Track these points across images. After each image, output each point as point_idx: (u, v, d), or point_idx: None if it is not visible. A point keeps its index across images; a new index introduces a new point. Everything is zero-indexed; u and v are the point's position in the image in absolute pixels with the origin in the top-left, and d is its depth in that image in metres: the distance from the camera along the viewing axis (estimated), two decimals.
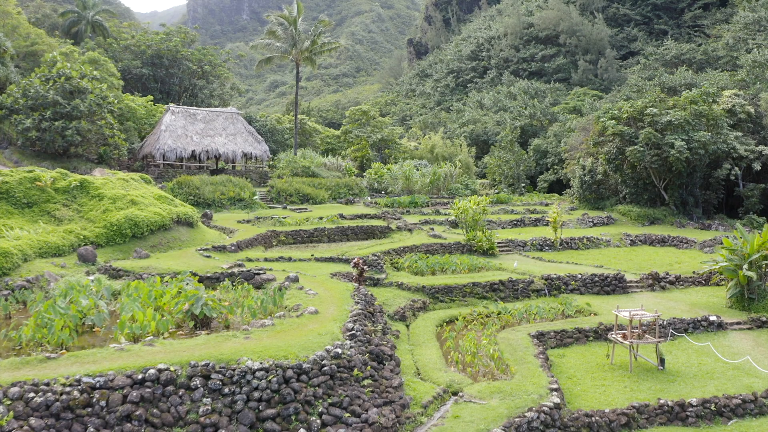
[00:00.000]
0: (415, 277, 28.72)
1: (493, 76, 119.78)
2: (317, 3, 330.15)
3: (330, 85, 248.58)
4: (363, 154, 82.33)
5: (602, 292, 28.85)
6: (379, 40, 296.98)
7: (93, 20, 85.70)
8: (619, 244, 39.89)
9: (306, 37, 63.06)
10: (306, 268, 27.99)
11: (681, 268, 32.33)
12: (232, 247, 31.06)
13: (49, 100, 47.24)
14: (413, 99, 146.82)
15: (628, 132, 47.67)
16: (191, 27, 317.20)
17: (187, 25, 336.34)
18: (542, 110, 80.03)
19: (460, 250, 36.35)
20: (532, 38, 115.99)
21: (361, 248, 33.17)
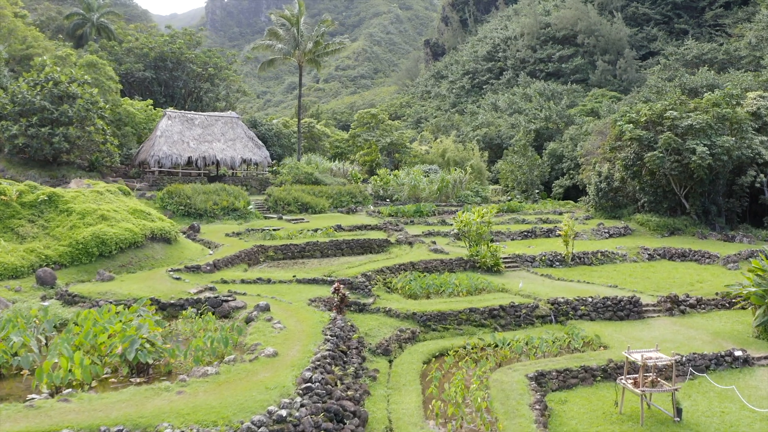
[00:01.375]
0: (406, 302, 25.97)
1: (510, 78, 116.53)
2: (336, 4, 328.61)
3: (348, 86, 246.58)
4: (372, 159, 79.74)
5: (615, 318, 25.85)
6: (398, 41, 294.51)
7: (98, 23, 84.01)
8: (636, 258, 36.78)
9: (309, 37, 60.51)
10: (285, 292, 25.38)
11: (703, 288, 29.21)
12: (207, 267, 28.52)
13: (36, 105, 45.24)
14: (428, 101, 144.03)
15: (647, 136, 44.50)
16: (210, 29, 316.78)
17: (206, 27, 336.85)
18: (558, 112, 76.78)
19: (463, 267, 33.53)
20: (550, 38, 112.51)
21: (352, 266, 30.47)
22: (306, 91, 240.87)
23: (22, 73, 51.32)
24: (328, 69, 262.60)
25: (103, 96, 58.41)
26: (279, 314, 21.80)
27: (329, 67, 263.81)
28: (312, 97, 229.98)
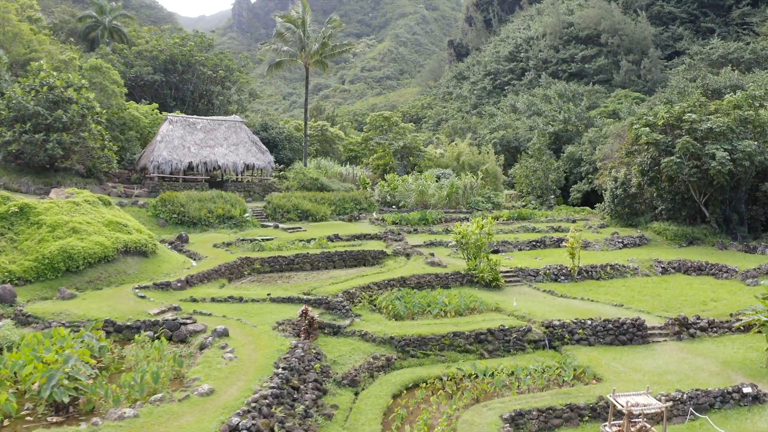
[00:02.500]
0: (387, 324, 23.96)
1: (531, 78, 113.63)
2: (362, 5, 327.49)
3: (373, 87, 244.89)
4: (385, 163, 77.78)
5: (617, 342, 23.55)
6: (424, 41, 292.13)
7: (111, 25, 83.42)
8: (648, 272, 34.28)
9: (315, 39, 58.80)
10: (255, 313, 23.59)
11: (717, 308, 26.70)
12: (178, 284, 26.84)
13: (30, 111, 44.15)
14: (449, 102, 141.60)
15: (664, 141, 41.86)
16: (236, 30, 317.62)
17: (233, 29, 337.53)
18: (577, 114, 73.98)
19: (459, 282, 31.45)
20: (572, 38, 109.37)
21: (337, 282, 28.52)
22: (331, 93, 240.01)
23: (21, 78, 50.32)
24: (354, 70, 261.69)
25: (106, 100, 57.53)
26: (237, 340, 20.05)
27: (355, 68, 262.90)
28: (338, 99, 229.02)
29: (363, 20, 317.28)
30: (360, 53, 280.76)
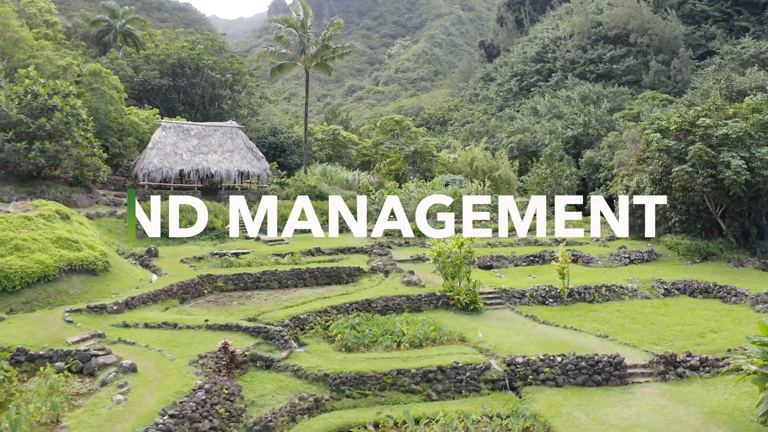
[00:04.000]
0: (332, 356, 21.48)
1: (558, 79, 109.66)
2: (397, 6, 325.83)
3: (407, 89, 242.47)
4: (397, 168, 75.29)
5: (591, 383, 20.60)
6: (459, 42, 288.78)
7: (124, 29, 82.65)
8: (649, 294, 31.00)
9: (315, 42, 56.60)
10: (183, 342, 21.35)
11: (715, 340, 23.47)
12: (115, 307, 24.75)
13: (13, 119, 42.87)
14: (476, 104, 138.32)
15: (676, 147, 38.44)
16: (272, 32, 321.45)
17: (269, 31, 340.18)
18: (598, 117, 70.23)
19: (433, 304, 28.76)
20: (601, 38, 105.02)
21: (291, 305, 26.11)
22: (365, 94, 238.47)
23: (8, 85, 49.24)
24: (388, 71, 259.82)
25: (104, 106, 56.28)
26: (142, 377, 17.89)
27: (389, 70, 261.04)
28: (371, 100, 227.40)
29: (398, 21, 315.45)
30: (395, 54, 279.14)
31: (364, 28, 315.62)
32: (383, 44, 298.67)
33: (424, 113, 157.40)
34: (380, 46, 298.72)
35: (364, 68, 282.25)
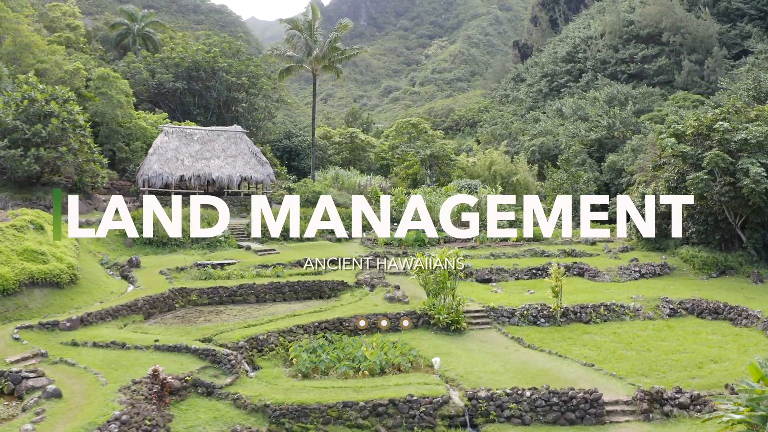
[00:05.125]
0: (282, 383, 19.78)
1: (588, 80, 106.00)
2: (434, 7, 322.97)
3: (443, 89, 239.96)
4: (414, 172, 73.33)
5: (563, 421, 18.45)
6: (496, 42, 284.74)
7: (143, 32, 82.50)
8: (652, 314, 28.42)
9: (322, 44, 55.06)
10: (125, 364, 19.99)
11: (714, 373, 20.97)
12: (68, 323, 23.48)
13: (9, 125, 42.33)
14: (506, 105, 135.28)
15: (692, 153, 35.68)
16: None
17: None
18: (622, 119, 67.05)
19: (413, 324, 26.78)
20: (633, 37, 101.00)
21: (253, 324, 24.44)
22: (401, 95, 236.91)
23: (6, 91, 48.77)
24: (425, 72, 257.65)
25: (111, 110, 55.71)
26: (66, 403, 17.23)
27: (426, 70, 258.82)
28: (407, 101, 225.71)
29: (435, 21, 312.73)
30: (432, 55, 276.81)
31: (401, 29, 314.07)
32: (420, 45, 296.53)
33: (454, 115, 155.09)
34: (417, 46, 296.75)
35: (401, 69, 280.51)
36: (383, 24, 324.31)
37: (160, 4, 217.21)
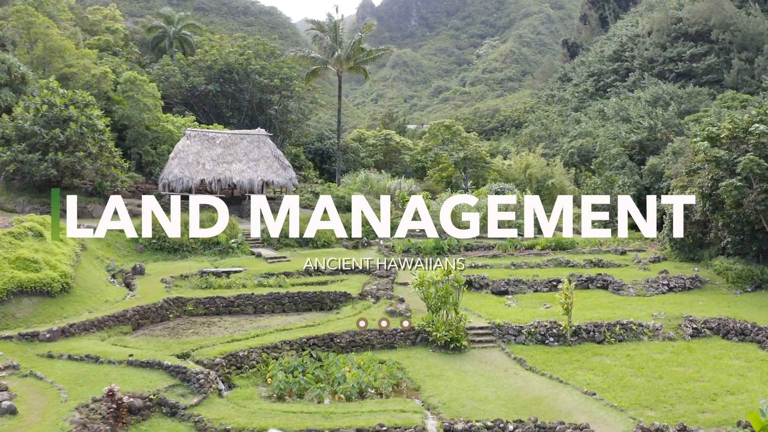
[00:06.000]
0: (254, 404, 18.60)
1: (635, 79, 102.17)
2: (486, 6, 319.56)
3: (494, 89, 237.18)
4: (449, 175, 71.65)
5: None
6: (548, 42, 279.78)
7: (179, 35, 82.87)
8: (673, 334, 26.20)
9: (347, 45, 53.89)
10: (94, 380, 19.32)
11: (729, 406, 18.85)
12: (48, 334, 22.82)
13: (27, 130, 42.55)
14: (552, 105, 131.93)
15: (726, 158, 33.15)
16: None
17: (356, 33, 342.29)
18: (665, 120, 63.80)
19: (411, 341, 25.37)
20: (681, 34, 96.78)
21: (236, 339, 23.29)
22: (451, 95, 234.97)
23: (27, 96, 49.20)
24: (475, 72, 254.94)
25: (138, 114, 55.79)
26: (18, 422, 17.00)
27: (476, 70, 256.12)
28: (457, 101, 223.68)
29: (487, 21, 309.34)
30: (483, 55, 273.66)
31: (452, 29, 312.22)
32: (471, 44, 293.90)
33: (499, 115, 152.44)
34: (468, 46, 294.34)
35: (452, 69, 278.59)
36: (434, 24, 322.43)
37: (210, 6, 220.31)
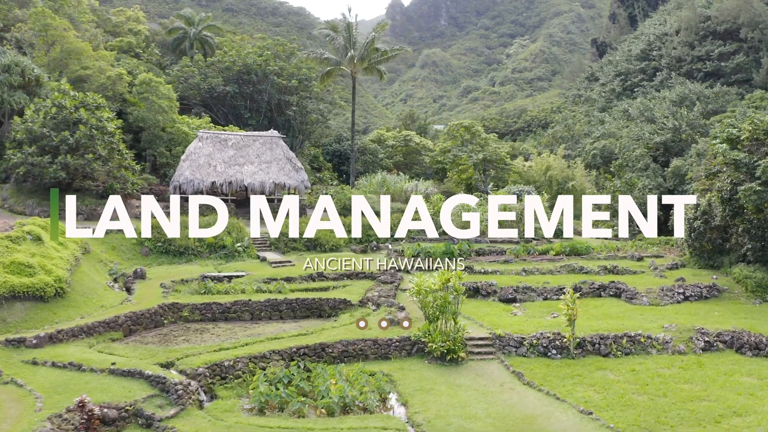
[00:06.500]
0: (232, 418, 17.96)
1: (663, 79, 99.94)
2: (516, 6, 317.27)
3: (524, 89, 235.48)
4: (468, 176, 70.54)
5: None
6: (578, 41, 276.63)
7: (200, 36, 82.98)
8: (683, 348, 24.91)
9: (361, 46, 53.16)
10: (74, 388, 18.99)
11: (737, 427, 17.66)
12: (34, 340, 22.52)
13: (37, 133, 42.65)
14: (578, 105, 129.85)
15: (746, 161, 31.67)
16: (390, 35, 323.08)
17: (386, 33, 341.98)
18: (689, 121, 61.93)
19: (406, 352, 24.52)
20: (709, 33, 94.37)
21: (224, 348, 22.64)
22: (480, 95, 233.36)
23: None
24: (505, 72, 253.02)
25: (152, 116, 55.82)
26: None
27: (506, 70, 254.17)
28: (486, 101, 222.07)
29: (517, 20, 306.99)
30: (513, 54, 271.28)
31: (482, 28, 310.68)
32: (501, 44, 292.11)
33: (526, 115, 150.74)
34: (498, 45, 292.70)
35: (482, 69, 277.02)
36: (464, 23, 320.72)
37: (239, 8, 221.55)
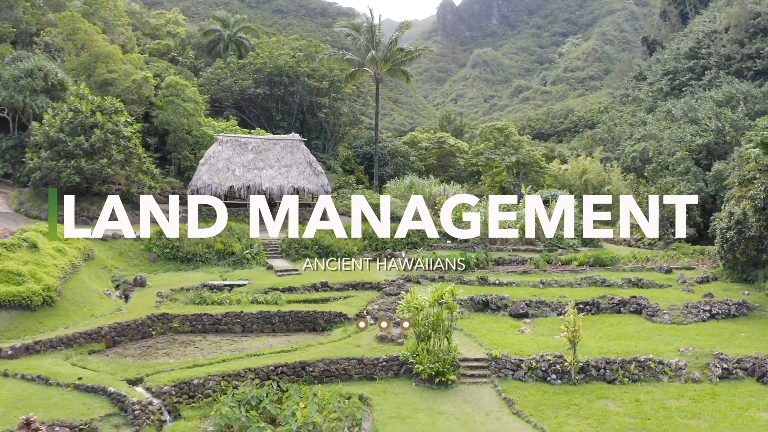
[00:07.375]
0: None
1: (711, 77, 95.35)
2: (568, 4, 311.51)
3: (576, 88, 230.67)
4: (502, 179, 68.59)
5: None
6: (632, 39, 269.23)
7: (235, 38, 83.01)
8: (698, 375, 22.70)
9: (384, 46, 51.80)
10: (36, 403, 18.49)
11: None
12: (9, 352, 22.14)
13: (53, 137, 42.73)
14: (626, 105, 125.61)
15: None
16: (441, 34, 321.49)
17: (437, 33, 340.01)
18: (733, 122, 58.43)
19: (393, 372, 23.08)
20: (760, 30, 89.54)
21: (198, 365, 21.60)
22: (531, 95, 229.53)
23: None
24: (556, 71, 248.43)
25: (177, 119, 55.68)
26: None
27: (557, 69, 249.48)
28: (537, 101, 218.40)
29: (569, 19, 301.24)
30: (565, 53, 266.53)
31: (534, 27, 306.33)
32: (553, 43, 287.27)
33: (572, 116, 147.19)
34: (550, 44, 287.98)
35: (533, 68, 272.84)
36: (516, 22, 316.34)
37: (289, 9, 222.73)
